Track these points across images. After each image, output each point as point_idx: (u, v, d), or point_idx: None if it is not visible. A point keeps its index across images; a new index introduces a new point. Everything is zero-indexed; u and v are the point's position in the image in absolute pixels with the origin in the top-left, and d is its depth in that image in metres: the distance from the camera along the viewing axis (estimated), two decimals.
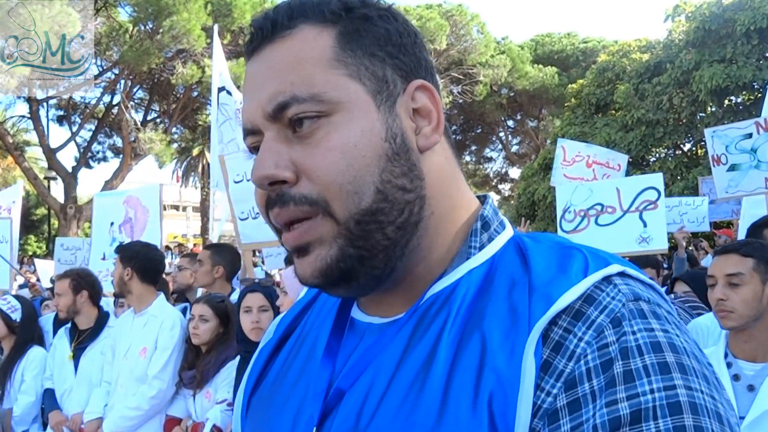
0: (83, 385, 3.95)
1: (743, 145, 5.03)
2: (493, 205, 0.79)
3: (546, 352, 0.62)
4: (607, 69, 18.69)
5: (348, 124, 0.68)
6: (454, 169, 0.78)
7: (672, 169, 15.85)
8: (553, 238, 0.75)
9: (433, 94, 0.74)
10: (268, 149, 0.69)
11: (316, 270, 0.70)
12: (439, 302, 0.70)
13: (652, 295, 0.66)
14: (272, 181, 0.69)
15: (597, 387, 0.59)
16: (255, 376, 0.88)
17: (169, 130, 23.06)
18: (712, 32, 15.25)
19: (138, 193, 5.75)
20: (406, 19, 0.75)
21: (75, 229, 20.79)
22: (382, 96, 0.70)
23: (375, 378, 0.69)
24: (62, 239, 8.22)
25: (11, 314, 4.28)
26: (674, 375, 0.58)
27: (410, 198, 0.70)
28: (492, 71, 24.68)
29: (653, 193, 4.79)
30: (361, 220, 0.68)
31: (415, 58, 0.74)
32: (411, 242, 0.71)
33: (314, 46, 0.69)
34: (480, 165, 33.87)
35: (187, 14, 18.29)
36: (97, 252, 5.66)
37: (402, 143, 0.70)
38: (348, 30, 0.71)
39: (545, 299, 0.64)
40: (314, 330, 0.84)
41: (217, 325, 3.52)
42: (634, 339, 0.60)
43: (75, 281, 4.04)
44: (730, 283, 2.10)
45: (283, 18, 0.71)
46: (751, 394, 1.98)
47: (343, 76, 0.69)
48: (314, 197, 0.67)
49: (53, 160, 22.02)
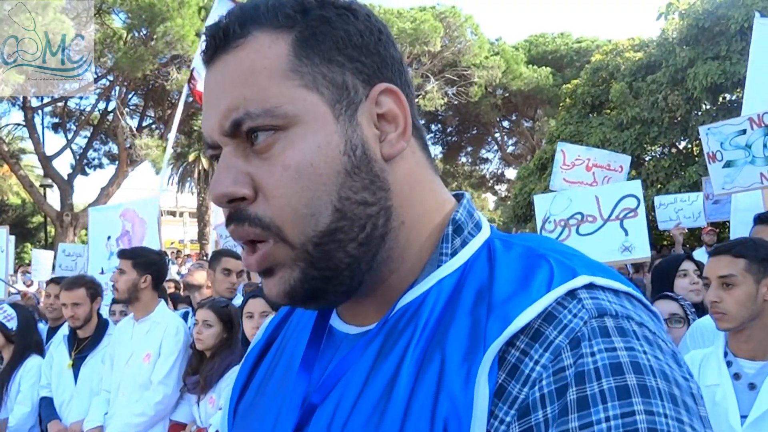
0: (84, 394, 3.93)
1: (738, 141, 5.06)
2: (469, 204, 0.75)
3: (501, 376, 0.59)
4: (601, 68, 18.71)
5: (304, 139, 0.64)
6: (426, 172, 0.73)
7: (667, 168, 15.87)
8: (526, 243, 0.70)
9: (399, 97, 0.69)
10: (225, 166, 0.66)
11: (281, 292, 0.68)
12: (408, 315, 0.67)
13: (624, 307, 0.61)
14: (230, 199, 0.66)
15: (550, 415, 0.55)
16: (242, 381, 0.86)
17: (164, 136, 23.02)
18: (705, 30, 15.28)
19: (135, 205, 5.71)
20: (369, 15, 0.70)
21: (72, 237, 20.74)
22: (341, 105, 0.66)
23: (344, 394, 0.67)
24: (64, 245, 8.23)
25: (7, 323, 4.24)
26: (633, 399, 0.53)
27: (372, 211, 0.67)
28: (486, 72, 24.72)
29: (632, 200, 4.76)
30: (319, 242, 0.65)
31: (380, 58, 0.69)
32: (379, 255, 0.68)
33: (268, 55, 0.65)
34: (476, 166, 33.89)
35: (180, 20, 18.30)
36: (95, 266, 5.58)
37: (363, 155, 0.66)
38: (304, 35, 0.66)
39: (502, 318, 0.61)
40: (294, 338, 0.82)
41: (220, 331, 3.52)
42: (593, 361, 0.56)
43: (91, 289, 4.01)
44: (723, 284, 2.09)
45: (235, 26, 0.67)
46: (753, 393, 1.99)
47: (299, 87, 0.65)
48: (266, 221, 0.65)
49: (49, 168, 21.98)
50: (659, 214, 8.09)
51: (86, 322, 4.01)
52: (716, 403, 2.02)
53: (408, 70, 0.75)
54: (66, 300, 3.95)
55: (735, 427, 1.95)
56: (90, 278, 4.26)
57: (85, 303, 3.97)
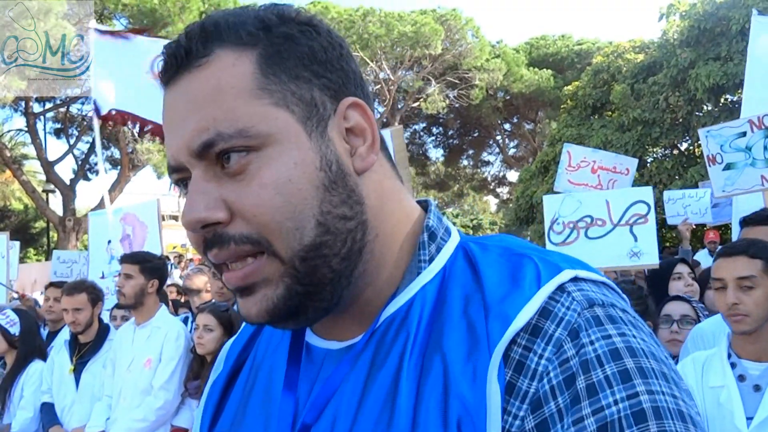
0: (86, 400, 3.93)
1: (738, 143, 5.04)
2: (436, 211, 0.77)
3: (508, 373, 0.61)
4: (603, 70, 18.71)
5: (280, 157, 0.63)
6: (394, 183, 0.74)
7: (669, 169, 15.85)
8: (500, 243, 0.72)
9: (365, 110, 0.70)
10: (196, 190, 0.65)
11: (263, 310, 0.66)
12: (396, 324, 0.68)
13: (607, 296, 0.65)
14: (204, 224, 0.64)
15: (563, 405, 0.58)
16: (211, 411, 0.83)
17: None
18: (706, 31, 15.27)
19: (135, 209, 5.67)
20: (329, 30, 0.71)
21: (74, 242, 20.76)
22: (312, 121, 0.66)
23: (339, 409, 0.67)
24: (59, 252, 8.22)
25: (10, 328, 4.23)
26: (635, 381, 0.57)
27: (351, 226, 0.67)
28: (487, 75, 24.73)
29: (643, 206, 4.74)
30: (306, 256, 0.64)
31: (343, 73, 0.70)
32: (356, 270, 0.68)
33: (234, 73, 0.64)
34: (477, 169, 33.87)
35: (182, 25, 18.33)
36: (95, 271, 5.55)
37: (338, 170, 0.66)
38: (269, 52, 0.65)
39: (502, 319, 0.62)
40: (268, 358, 0.80)
41: (221, 335, 3.52)
42: (593, 349, 0.59)
43: (92, 294, 4.01)
44: (742, 286, 2.07)
45: (197, 44, 0.65)
46: (758, 395, 1.97)
47: (269, 105, 0.64)
48: (255, 237, 0.64)
49: (51, 173, 22.01)
50: (668, 209, 8.05)
51: (87, 327, 4.01)
52: (721, 405, 2.00)
53: (366, 83, 0.75)
54: (67, 305, 3.94)
55: (741, 428, 1.94)
56: (91, 283, 4.25)
57: (87, 308, 3.96)
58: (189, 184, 0.67)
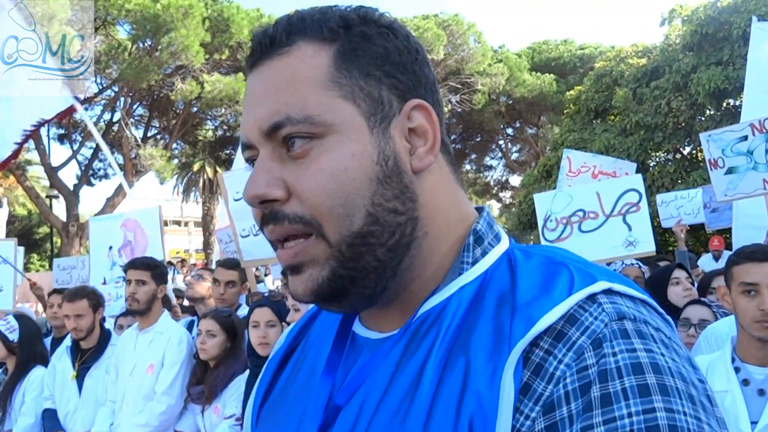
0: (88, 405, 3.93)
1: (739, 147, 5.02)
2: (489, 217, 0.79)
3: (526, 374, 0.61)
4: (605, 75, 18.73)
5: (339, 147, 0.68)
6: (451, 186, 0.77)
7: (672, 173, 15.84)
8: (545, 252, 0.74)
9: (430, 113, 0.73)
10: (260, 168, 0.70)
11: (308, 289, 0.70)
12: (431, 320, 0.70)
13: (640, 312, 0.64)
14: (263, 200, 0.69)
15: (574, 411, 0.58)
16: (265, 386, 0.89)
17: (169, 146, 23.14)
18: (708, 35, 15.29)
19: (136, 215, 5.65)
20: (407, 36, 0.75)
21: (77, 247, 20.80)
22: (376, 117, 0.70)
23: (368, 395, 0.69)
24: (59, 260, 8.23)
25: (9, 335, 4.22)
26: (654, 398, 0.56)
27: (402, 220, 0.70)
28: (490, 80, 24.77)
29: (634, 195, 4.70)
30: (352, 242, 0.68)
31: (415, 77, 0.73)
32: (403, 262, 0.71)
33: (310, 65, 0.69)
34: (480, 173, 33.90)
35: (185, 31, 18.41)
36: (97, 277, 5.53)
37: (394, 166, 0.70)
38: (345, 49, 0.70)
39: (526, 320, 0.63)
40: (317, 343, 0.85)
41: (224, 340, 3.52)
42: (614, 361, 0.59)
43: (93, 300, 4.01)
44: None
45: (281, 34, 0.71)
46: (762, 399, 1.97)
47: (337, 97, 0.69)
48: (308, 218, 0.68)
49: (55, 179, 22.08)
50: (661, 211, 8.07)
51: (89, 333, 4.01)
52: (725, 410, 2.00)
53: (439, 91, 0.78)
54: (68, 311, 3.95)
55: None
56: (92, 289, 4.26)
57: (88, 314, 3.97)
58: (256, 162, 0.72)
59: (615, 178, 8.12)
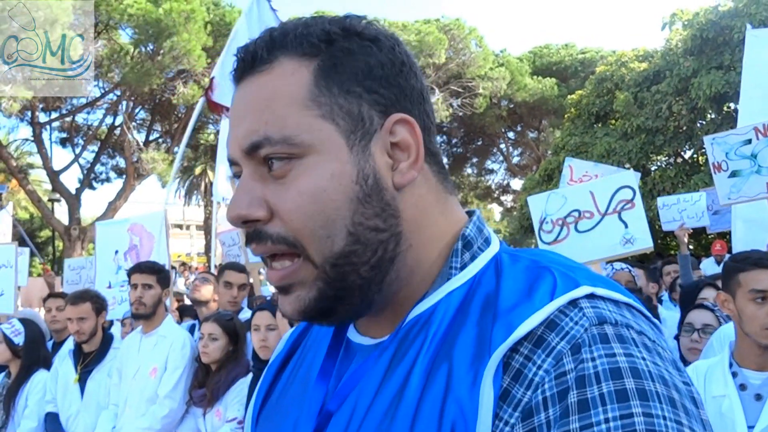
0: (91, 409, 3.94)
1: (743, 151, 5.02)
2: (479, 221, 0.78)
3: (506, 380, 0.61)
4: (606, 79, 18.74)
5: (318, 167, 0.68)
6: (438, 196, 0.76)
7: (673, 177, 15.84)
8: (532, 256, 0.73)
9: (414, 127, 0.72)
10: (242, 188, 0.70)
11: (296, 309, 0.71)
12: (419, 326, 0.70)
13: (623, 316, 0.64)
14: (245, 220, 0.70)
15: (552, 417, 0.58)
16: (264, 389, 0.89)
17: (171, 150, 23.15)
18: (709, 40, 15.31)
19: (142, 219, 5.67)
20: (393, 47, 0.73)
21: (79, 251, 20.81)
22: (356, 135, 0.69)
23: (358, 401, 0.70)
24: (69, 260, 8.26)
25: (14, 338, 4.25)
26: (632, 402, 0.55)
27: (384, 237, 0.70)
28: (491, 84, 24.75)
29: (628, 192, 4.66)
30: (335, 263, 0.68)
31: (399, 89, 0.72)
32: (388, 276, 0.71)
33: (290, 82, 0.69)
34: (481, 177, 33.86)
35: (187, 35, 18.43)
36: (102, 280, 5.55)
37: (374, 184, 0.69)
38: (326, 65, 0.69)
39: (506, 326, 0.63)
40: (313, 348, 0.86)
41: (226, 344, 3.53)
42: (593, 366, 0.58)
43: (96, 303, 4.03)
44: None
45: (263, 50, 0.70)
46: (759, 404, 1.98)
47: (316, 117, 0.68)
48: (291, 239, 0.68)
49: (57, 182, 22.10)
50: (662, 214, 8.05)
51: (91, 336, 4.03)
52: (722, 414, 2.01)
53: (430, 100, 0.78)
54: (71, 314, 3.97)
55: None
56: (95, 292, 4.28)
57: (91, 317, 3.99)
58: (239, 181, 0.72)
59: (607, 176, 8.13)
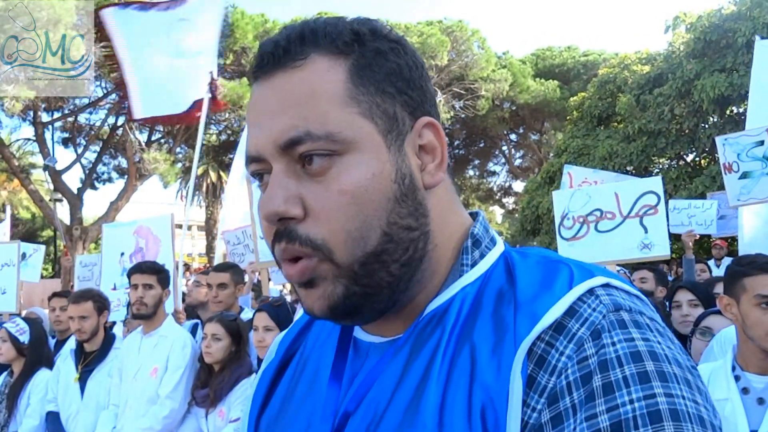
0: (91, 408, 3.93)
1: (755, 152, 5.01)
2: (484, 221, 0.80)
3: (530, 367, 0.63)
4: (609, 81, 18.73)
5: (359, 165, 0.67)
6: (452, 196, 0.78)
7: (675, 180, 15.83)
8: (540, 253, 0.76)
9: (439, 130, 0.74)
10: (277, 184, 0.68)
11: (324, 306, 0.70)
12: (435, 321, 0.71)
13: (635, 304, 0.66)
14: (281, 218, 0.68)
15: (577, 401, 0.59)
16: (260, 397, 0.88)
17: (173, 150, 23.17)
18: (712, 43, 15.30)
19: (149, 222, 5.67)
20: (414, 51, 0.75)
21: (81, 251, 20.83)
22: (392, 135, 0.70)
23: (376, 399, 0.70)
24: (81, 257, 8.35)
25: (19, 336, 4.26)
26: (654, 383, 0.58)
27: (415, 236, 0.71)
28: (493, 86, 24.75)
29: (653, 197, 4.67)
30: (365, 261, 0.68)
31: (422, 92, 0.74)
32: (415, 276, 0.72)
33: (328, 79, 0.68)
34: (483, 179, 33.86)
35: None
36: (107, 282, 5.56)
37: (410, 183, 0.70)
38: (360, 64, 0.69)
39: (530, 316, 0.65)
40: (316, 351, 0.84)
41: (229, 344, 3.54)
42: (614, 350, 0.61)
43: (98, 303, 4.03)
44: None
45: (295, 46, 0.69)
46: (762, 408, 1.97)
47: (356, 114, 0.68)
48: (318, 242, 0.67)
49: (59, 182, 22.12)
50: (672, 217, 8.05)
51: (93, 336, 4.03)
52: (725, 418, 2.00)
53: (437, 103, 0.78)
54: (73, 313, 3.98)
55: None
56: (97, 292, 4.29)
57: (92, 316, 3.99)
58: (266, 176, 0.71)
59: (635, 178, 8.09)
